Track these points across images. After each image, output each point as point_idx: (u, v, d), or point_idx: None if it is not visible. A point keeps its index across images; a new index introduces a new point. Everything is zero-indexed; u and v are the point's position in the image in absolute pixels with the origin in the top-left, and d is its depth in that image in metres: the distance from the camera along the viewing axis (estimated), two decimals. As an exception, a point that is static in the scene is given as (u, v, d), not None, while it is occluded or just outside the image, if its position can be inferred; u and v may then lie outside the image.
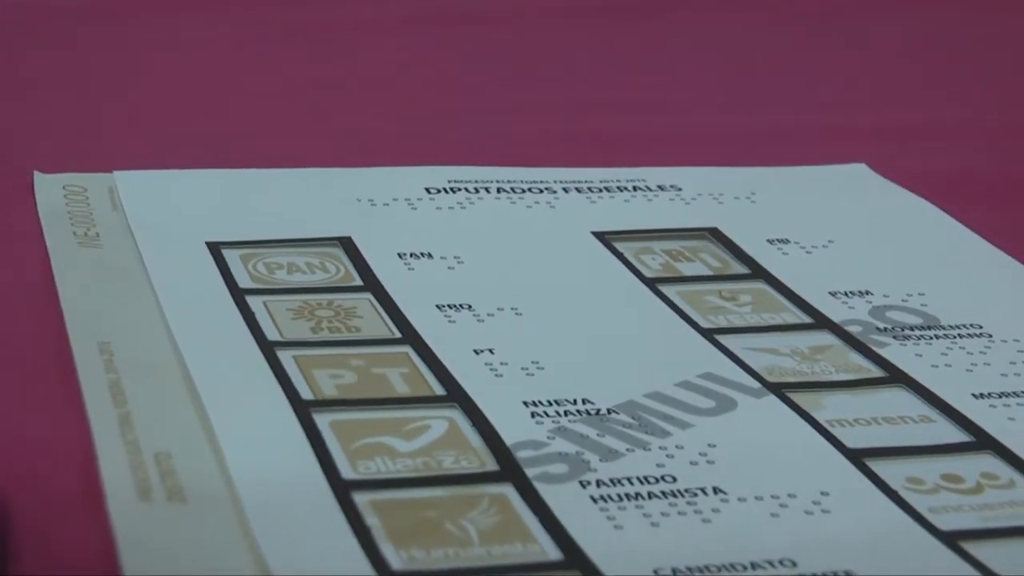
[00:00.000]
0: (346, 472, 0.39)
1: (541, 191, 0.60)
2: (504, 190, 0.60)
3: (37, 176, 0.58)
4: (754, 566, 0.37)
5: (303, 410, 0.42)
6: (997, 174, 0.67)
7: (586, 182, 0.61)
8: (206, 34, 0.82)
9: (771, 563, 0.37)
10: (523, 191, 0.60)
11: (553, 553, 0.37)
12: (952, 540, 0.39)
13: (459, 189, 0.59)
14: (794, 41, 0.87)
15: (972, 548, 0.38)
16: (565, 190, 0.60)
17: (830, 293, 0.53)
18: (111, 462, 0.39)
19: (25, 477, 0.39)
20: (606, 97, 0.75)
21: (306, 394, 0.43)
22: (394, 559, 0.36)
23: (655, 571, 0.36)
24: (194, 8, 0.86)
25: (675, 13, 0.90)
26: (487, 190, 0.59)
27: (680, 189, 0.61)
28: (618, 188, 0.61)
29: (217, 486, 0.38)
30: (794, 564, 0.37)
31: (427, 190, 0.59)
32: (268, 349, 0.46)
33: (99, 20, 0.83)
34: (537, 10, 0.89)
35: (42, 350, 0.46)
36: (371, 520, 0.37)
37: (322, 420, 0.42)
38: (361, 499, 0.38)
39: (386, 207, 0.57)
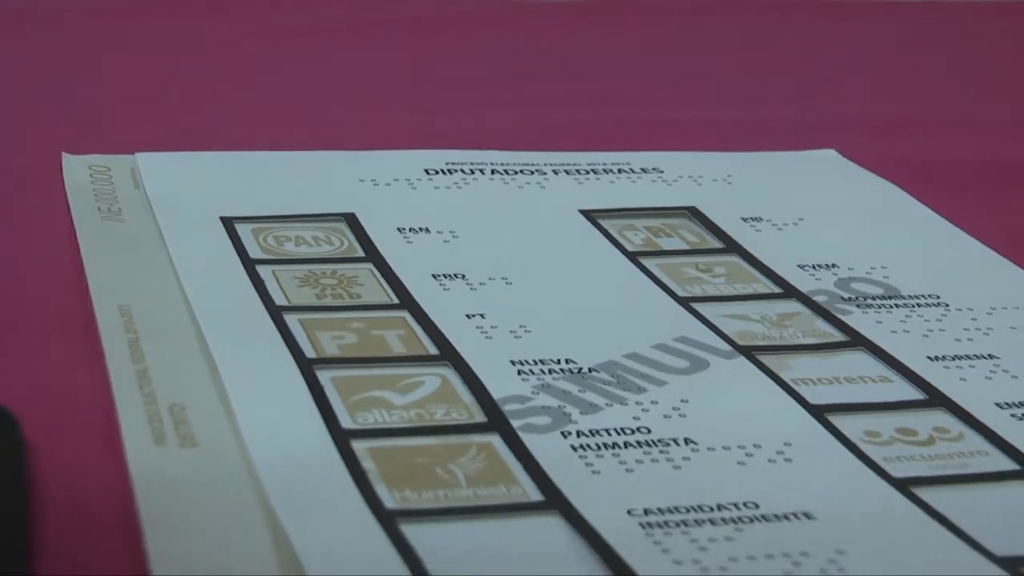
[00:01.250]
0: (345, 422, 0.40)
1: (532, 173, 0.60)
2: (498, 172, 0.60)
3: (65, 157, 0.58)
4: (719, 508, 0.37)
5: (307, 367, 0.43)
6: (957, 160, 0.67)
7: (574, 165, 0.61)
8: (227, 33, 0.82)
9: (735, 505, 0.38)
10: (516, 172, 0.60)
11: (535, 495, 0.37)
12: (903, 486, 0.39)
13: (456, 170, 0.60)
14: (772, 41, 0.88)
15: (922, 492, 0.39)
16: (555, 172, 0.60)
17: (799, 266, 0.53)
18: (129, 412, 0.39)
19: (52, 423, 0.39)
20: (596, 91, 0.75)
21: (310, 353, 0.44)
22: (387, 499, 0.36)
23: (628, 511, 0.37)
24: (218, 9, 0.86)
25: (661, 16, 0.91)
26: (482, 171, 0.60)
27: (662, 172, 0.61)
28: (604, 171, 0.61)
29: (226, 434, 0.39)
30: (756, 506, 0.38)
31: (426, 171, 0.59)
32: (276, 313, 0.46)
33: (126, 18, 0.83)
34: (530, 12, 0.90)
35: (69, 312, 0.46)
36: (367, 465, 0.38)
37: (324, 376, 0.42)
38: (359, 446, 0.39)
39: (388, 187, 0.58)
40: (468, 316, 0.47)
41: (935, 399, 0.44)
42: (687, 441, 0.41)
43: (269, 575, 0.33)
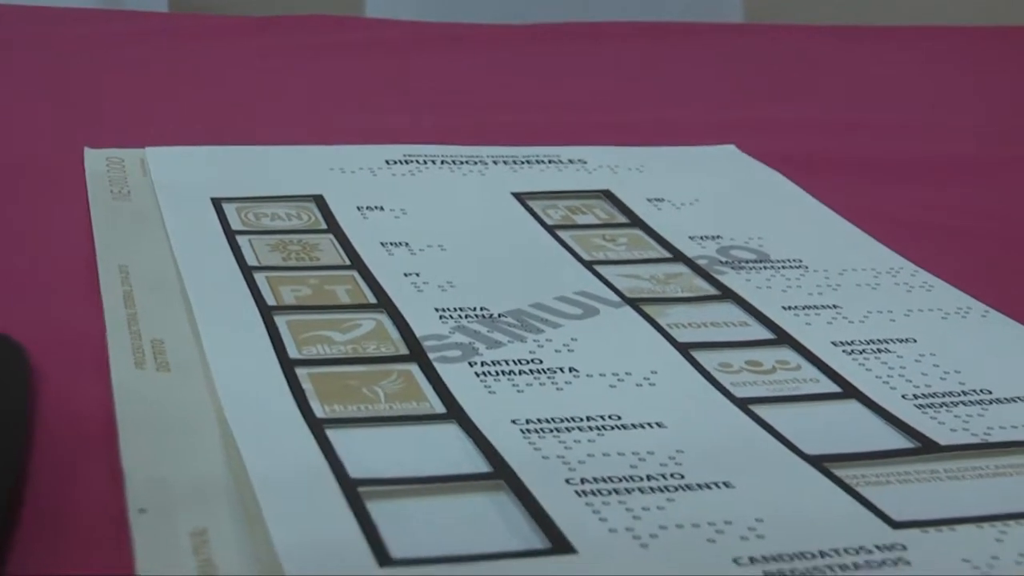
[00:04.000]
0: (293, 354, 0.43)
1: (475, 163, 0.62)
2: (447, 162, 0.62)
3: (87, 151, 0.61)
4: (588, 419, 0.40)
5: (267, 312, 0.46)
6: (837, 156, 0.69)
7: (512, 156, 0.63)
8: (224, 54, 0.84)
9: (601, 417, 0.40)
10: (462, 163, 0.62)
11: (439, 408, 0.40)
12: (744, 404, 0.42)
13: (411, 161, 0.62)
14: (689, 58, 0.91)
15: (758, 409, 0.42)
16: (495, 162, 0.63)
17: (689, 237, 0.56)
18: (117, 344, 0.43)
19: (55, 353, 0.42)
20: (536, 99, 0.77)
21: (271, 301, 0.47)
22: (319, 410, 0.39)
23: (513, 421, 0.40)
24: (215, 36, 0.89)
25: (597, 39, 0.93)
26: (433, 162, 0.62)
27: (585, 162, 0.64)
28: (537, 161, 0.63)
29: (195, 362, 0.42)
30: (619, 418, 0.40)
31: (386, 162, 0.62)
32: (247, 271, 0.49)
33: (142, 42, 0.86)
34: (487, 35, 0.93)
35: (77, 269, 0.49)
36: (306, 386, 0.41)
37: (280, 320, 0.45)
38: (301, 372, 0.42)
39: (353, 174, 0.60)
40: (406, 275, 0.50)
41: (782, 338, 0.47)
42: (570, 369, 0.43)
43: (218, 469, 0.36)
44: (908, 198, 0.63)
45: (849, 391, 0.43)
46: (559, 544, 0.33)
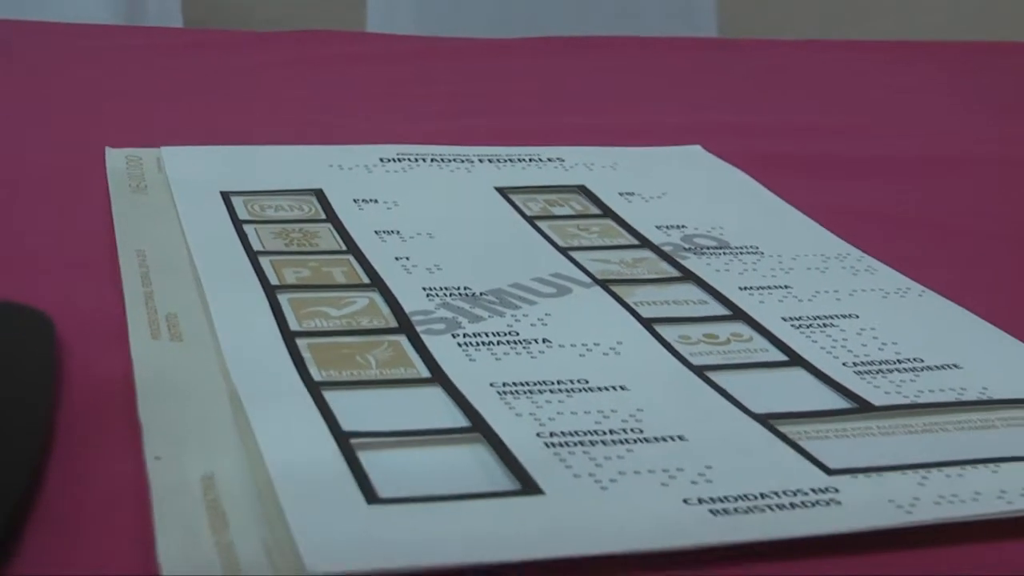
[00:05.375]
0: (294, 327, 0.45)
1: (463, 161, 0.64)
2: (436, 160, 0.64)
3: (108, 150, 0.63)
4: (558, 382, 0.42)
5: (271, 291, 0.47)
6: (797, 155, 0.71)
7: (496, 155, 0.65)
8: (234, 63, 0.86)
9: (570, 380, 0.42)
10: (449, 161, 0.64)
11: (424, 373, 0.42)
12: (699, 370, 0.44)
13: (404, 159, 0.64)
14: (662, 69, 0.92)
15: (711, 374, 0.44)
16: (480, 161, 0.64)
17: (656, 226, 0.57)
18: (136, 318, 0.45)
19: (79, 326, 0.44)
20: (520, 105, 0.79)
21: (275, 281, 0.48)
22: (316, 375, 0.41)
23: (490, 384, 0.42)
24: (228, 48, 0.91)
25: (574, 52, 0.95)
26: (424, 160, 0.64)
27: (563, 160, 0.65)
28: (519, 159, 0.65)
29: (205, 333, 0.44)
30: (586, 382, 0.42)
31: (380, 159, 0.63)
32: (253, 255, 0.51)
33: (164, 55, 0.88)
34: (476, 48, 0.95)
35: (99, 253, 0.51)
36: (306, 355, 0.43)
37: (283, 297, 0.47)
38: (301, 342, 0.44)
39: (350, 170, 0.62)
40: (396, 258, 0.52)
41: (737, 315, 0.49)
42: (544, 340, 0.45)
43: (225, 424, 0.38)
44: (858, 193, 0.65)
45: (795, 359, 0.45)
46: (528, 486, 0.35)
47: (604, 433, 0.39)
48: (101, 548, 0.33)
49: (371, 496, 0.34)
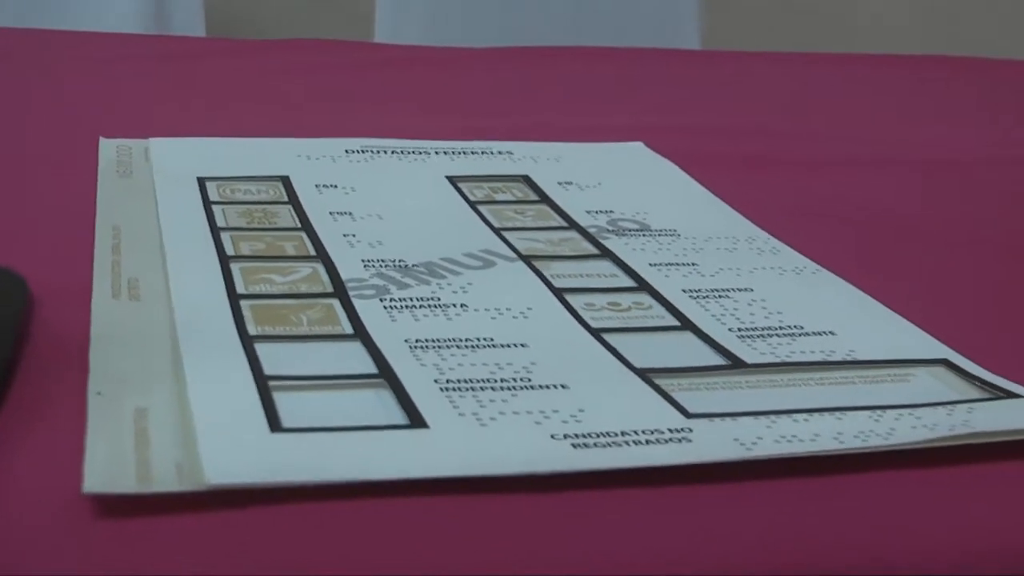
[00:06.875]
0: (240, 290, 0.48)
1: (420, 153, 0.67)
2: (396, 152, 0.67)
3: (102, 140, 0.66)
4: (466, 340, 0.45)
5: (225, 260, 0.51)
6: (730, 153, 0.74)
7: (451, 148, 0.68)
8: (216, 67, 0.89)
9: (478, 339, 0.45)
10: (408, 153, 0.67)
11: (348, 330, 0.45)
12: (597, 332, 0.47)
13: (367, 151, 0.67)
14: (617, 76, 0.95)
15: (608, 336, 0.46)
16: (436, 153, 0.68)
17: (586, 211, 0.60)
18: (100, 280, 0.48)
19: (50, 285, 0.48)
20: (478, 106, 0.82)
21: (231, 252, 0.52)
22: (252, 330, 0.45)
23: (405, 340, 0.45)
24: (224, 56, 0.94)
25: (548, 62, 0.98)
26: (385, 152, 0.67)
27: (512, 153, 0.68)
28: (472, 152, 0.68)
29: (161, 295, 0.47)
30: (491, 340, 0.45)
31: (346, 151, 0.67)
32: (215, 231, 0.54)
33: (158, 60, 0.92)
34: (448, 56, 0.97)
35: (78, 225, 0.54)
36: (247, 313, 0.46)
37: (235, 266, 0.50)
38: (244, 304, 0.47)
39: (317, 160, 0.65)
40: (344, 235, 0.55)
41: (642, 286, 0.52)
42: (461, 305, 0.48)
43: (165, 368, 0.42)
44: (784, 187, 0.68)
45: (686, 324, 0.48)
46: (415, 420, 0.39)
47: (495, 382, 0.42)
48: (42, 463, 0.36)
49: (275, 425, 0.38)
